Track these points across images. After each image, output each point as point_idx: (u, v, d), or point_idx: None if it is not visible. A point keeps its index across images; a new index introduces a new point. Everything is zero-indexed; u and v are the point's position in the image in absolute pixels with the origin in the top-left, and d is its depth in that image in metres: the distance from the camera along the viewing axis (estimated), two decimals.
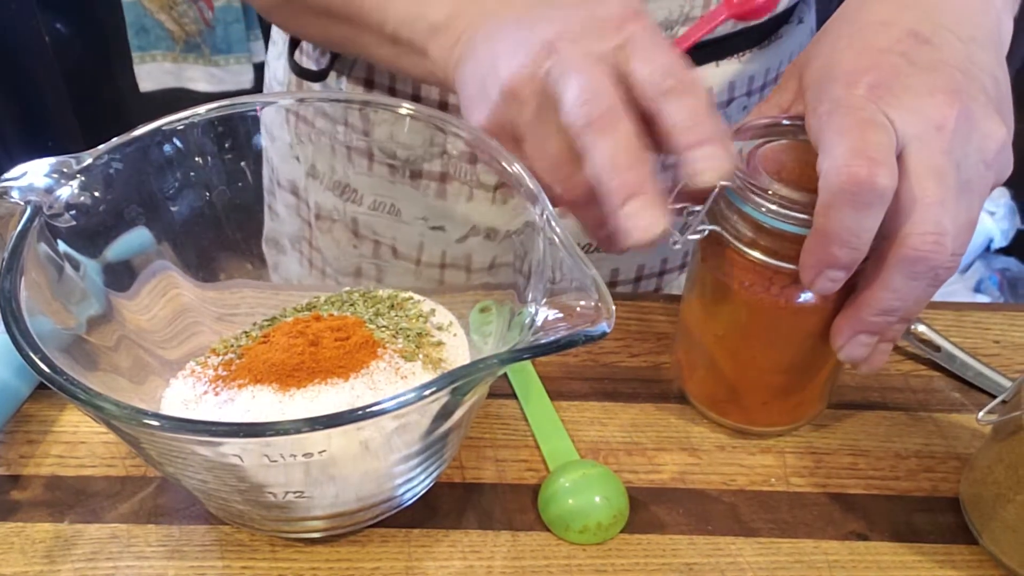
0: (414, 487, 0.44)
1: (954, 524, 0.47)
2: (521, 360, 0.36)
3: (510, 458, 0.49)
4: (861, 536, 0.46)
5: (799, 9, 0.67)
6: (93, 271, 0.44)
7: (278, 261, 0.65)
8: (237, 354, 0.46)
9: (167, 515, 0.46)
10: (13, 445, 0.49)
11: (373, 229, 0.63)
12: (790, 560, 0.45)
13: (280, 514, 0.42)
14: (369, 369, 0.44)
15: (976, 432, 0.52)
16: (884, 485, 0.49)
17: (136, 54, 1.65)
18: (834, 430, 0.51)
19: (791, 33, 0.66)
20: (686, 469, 0.49)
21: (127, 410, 0.33)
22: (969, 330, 0.58)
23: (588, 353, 0.55)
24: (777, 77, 0.67)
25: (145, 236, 0.47)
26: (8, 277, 0.37)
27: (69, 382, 0.34)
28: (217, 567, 0.44)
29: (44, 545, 0.44)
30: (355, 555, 0.44)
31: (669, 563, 0.45)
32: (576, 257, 0.38)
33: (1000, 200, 1.57)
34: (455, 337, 0.48)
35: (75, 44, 1.68)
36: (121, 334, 0.44)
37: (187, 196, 0.48)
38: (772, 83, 0.66)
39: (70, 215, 0.42)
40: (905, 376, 0.55)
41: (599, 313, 0.36)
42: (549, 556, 0.45)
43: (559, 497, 0.45)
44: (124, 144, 0.45)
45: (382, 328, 0.47)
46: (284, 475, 0.38)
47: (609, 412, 0.52)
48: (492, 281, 0.50)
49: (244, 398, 0.43)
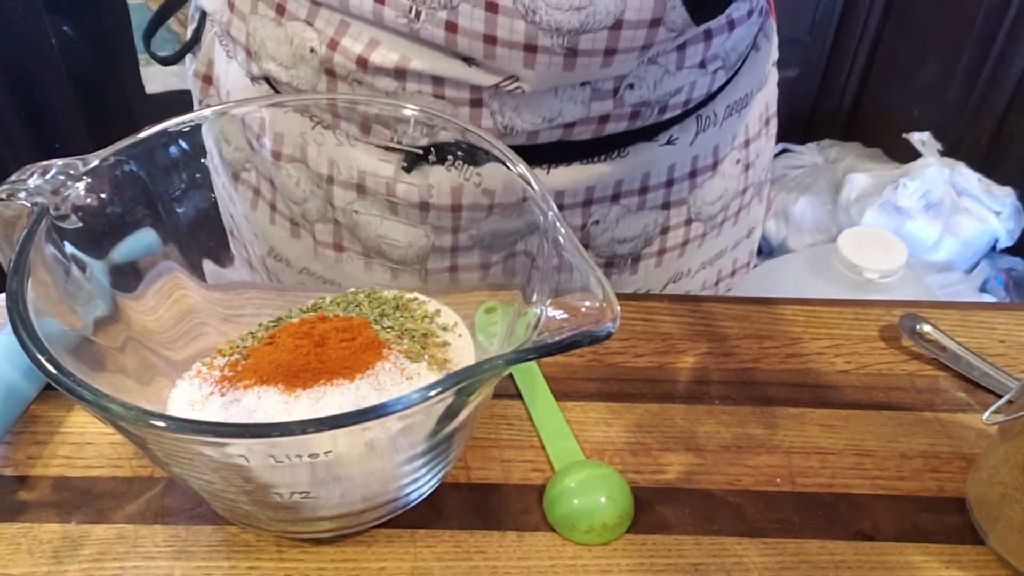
0: (420, 487, 0.44)
1: (960, 524, 0.47)
2: (526, 360, 0.36)
3: (515, 458, 0.49)
4: (867, 536, 0.46)
5: (674, 128, 0.63)
6: (100, 272, 0.44)
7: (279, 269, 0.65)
8: (243, 355, 0.47)
9: (174, 515, 0.46)
10: (20, 446, 0.49)
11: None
12: (796, 560, 0.45)
13: (286, 514, 0.42)
14: (375, 370, 0.44)
15: (982, 432, 0.52)
16: (890, 485, 0.49)
17: (142, 56, 1.66)
18: (839, 430, 0.51)
19: (646, 151, 0.62)
20: (691, 469, 0.49)
21: (133, 411, 0.33)
22: (975, 330, 0.58)
23: (593, 353, 0.55)
24: (617, 196, 0.63)
25: (151, 237, 0.47)
26: (15, 278, 0.38)
27: (76, 383, 0.34)
28: (223, 567, 0.44)
29: (51, 545, 0.44)
30: (361, 555, 0.45)
31: (675, 563, 0.45)
32: (581, 257, 0.38)
33: (1006, 200, 1.57)
34: (460, 338, 0.49)
35: (82, 47, 1.68)
36: (127, 335, 0.45)
37: (193, 197, 0.48)
38: (606, 200, 0.63)
39: (77, 217, 0.42)
40: (911, 376, 0.55)
41: (604, 313, 0.36)
42: (555, 556, 0.45)
43: (565, 497, 0.45)
44: (130, 146, 0.45)
45: (387, 329, 0.47)
46: (290, 476, 0.38)
47: (614, 412, 0.52)
48: (497, 282, 0.50)
49: (250, 399, 0.43)
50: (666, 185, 0.65)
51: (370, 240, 0.60)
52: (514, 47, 0.52)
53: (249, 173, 0.62)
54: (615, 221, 0.65)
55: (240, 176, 0.62)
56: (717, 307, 0.59)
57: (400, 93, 0.55)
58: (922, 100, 1.68)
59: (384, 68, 0.54)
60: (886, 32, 1.66)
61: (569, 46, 0.52)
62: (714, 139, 0.66)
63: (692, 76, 0.60)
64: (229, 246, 0.52)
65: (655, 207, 0.66)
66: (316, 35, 0.55)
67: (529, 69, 0.53)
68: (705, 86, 0.62)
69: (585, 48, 0.52)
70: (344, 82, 0.56)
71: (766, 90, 0.71)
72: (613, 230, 0.65)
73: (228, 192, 0.63)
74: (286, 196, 0.62)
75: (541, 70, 0.53)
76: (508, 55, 0.52)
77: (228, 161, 0.61)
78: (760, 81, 0.70)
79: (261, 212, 0.64)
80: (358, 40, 0.54)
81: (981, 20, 1.53)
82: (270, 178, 0.62)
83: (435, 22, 0.52)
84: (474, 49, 0.52)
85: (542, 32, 0.51)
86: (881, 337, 0.57)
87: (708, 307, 0.59)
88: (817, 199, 1.66)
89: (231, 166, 0.61)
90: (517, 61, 0.52)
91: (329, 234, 0.61)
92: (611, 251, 0.67)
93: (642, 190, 0.64)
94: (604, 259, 0.67)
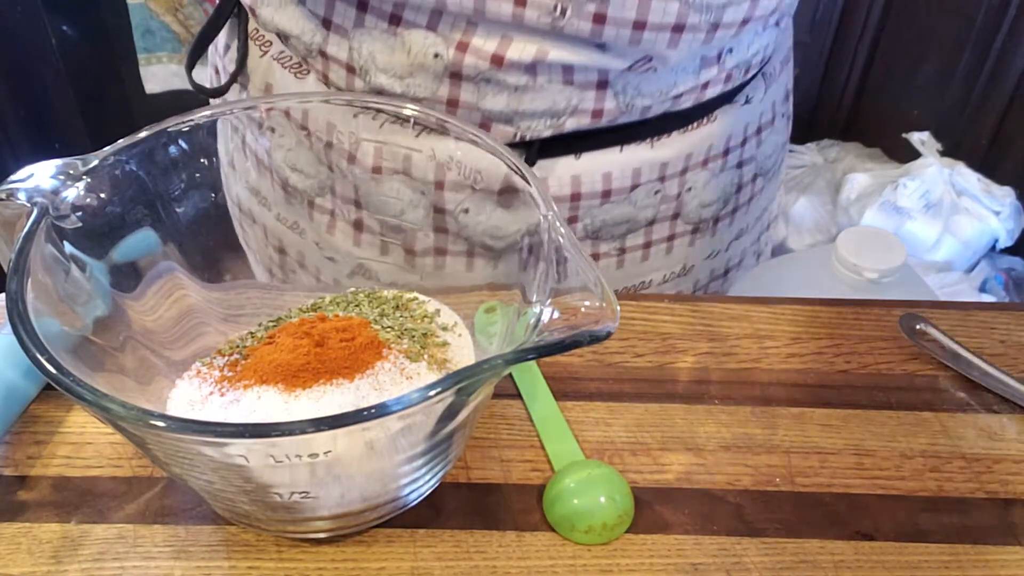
0: (419, 487, 0.44)
1: (960, 524, 0.47)
2: (526, 360, 0.36)
3: (515, 458, 0.49)
4: (866, 536, 0.46)
5: (748, 88, 0.65)
6: (99, 272, 0.44)
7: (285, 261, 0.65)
8: (243, 355, 0.47)
9: (173, 515, 0.46)
10: (20, 446, 0.49)
11: None
12: (795, 560, 0.45)
13: (286, 514, 0.42)
14: (374, 370, 0.44)
15: (982, 432, 0.52)
16: (889, 485, 0.49)
17: (142, 56, 1.66)
18: (839, 430, 0.51)
19: (730, 113, 0.64)
20: (691, 469, 0.49)
21: (133, 411, 0.33)
22: (974, 330, 0.58)
23: (593, 353, 0.55)
24: (707, 161, 0.65)
25: (151, 237, 0.47)
26: (15, 278, 0.38)
27: (76, 383, 0.34)
28: (223, 567, 0.44)
29: (51, 545, 0.44)
30: (361, 555, 0.45)
31: (674, 563, 0.45)
32: (581, 257, 0.38)
33: (1005, 200, 1.57)
34: (460, 337, 0.49)
35: (81, 46, 1.68)
36: (127, 335, 0.45)
37: (192, 197, 0.48)
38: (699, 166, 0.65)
39: (76, 216, 0.42)
40: (910, 376, 0.55)
41: (604, 313, 0.36)
42: (554, 556, 0.45)
43: (564, 497, 0.45)
44: (130, 146, 0.45)
45: (387, 328, 0.47)
46: (290, 475, 0.38)
47: (614, 412, 0.52)
48: (497, 281, 0.50)
49: (250, 399, 0.43)
50: (741, 144, 0.67)
51: (475, 236, 0.59)
52: (662, 29, 0.52)
53: (324, 198, 0.62)
54: (703, 186, 0.66)
55: (315, 203, 0.62)
56: (717, 307, 0.59)
57: (530, 85, 0.55)
58: (922, 100, 1.67)
59: (519, 63, 0.54)
60: (886, 32, 1.66)
61: (714, 21, 0.52)
62: (773, 95, 0.68)
63: (770, 35, 0.61)
64: (229, 244, 0.52)
65: (732, 167, 0.67)
66: (441, 40, 0.55)
67: (672, 49, 0.53)
68: (773, 42, 0.63)
69: (728, 21, 0.53)
70: (471, 83, 0.56)
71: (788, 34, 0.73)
72: (701, 195, 0.66)
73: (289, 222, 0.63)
74: (380, 212, 0.61)
75: (683, 47, 0.53)
76: (655, 38, 0.53)
77: (300, 190, 0.60)
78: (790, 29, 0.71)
79: (342, 234, 0.63)
80: (489, 39, 0.54)
81: (981, 20, 1.53)
82: (354, 199, 0.61)
83: (582, 16, 0.52)
84: (620, 36, 0.52)
85: (693, 11, 0.51)
86: (881, 337, 0.57)
87: (708, 307, 0.59)
88: (817, 199, 1.66)
89: (303, 194, 0.61)
90: (663, 42, 0.53)
91: (431, 241, 0.61)
92: (698, 216, 0.68)
93: (725, 152, 0.66)
94: (692, 225, 0.68)
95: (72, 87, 1.67)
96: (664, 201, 0.65)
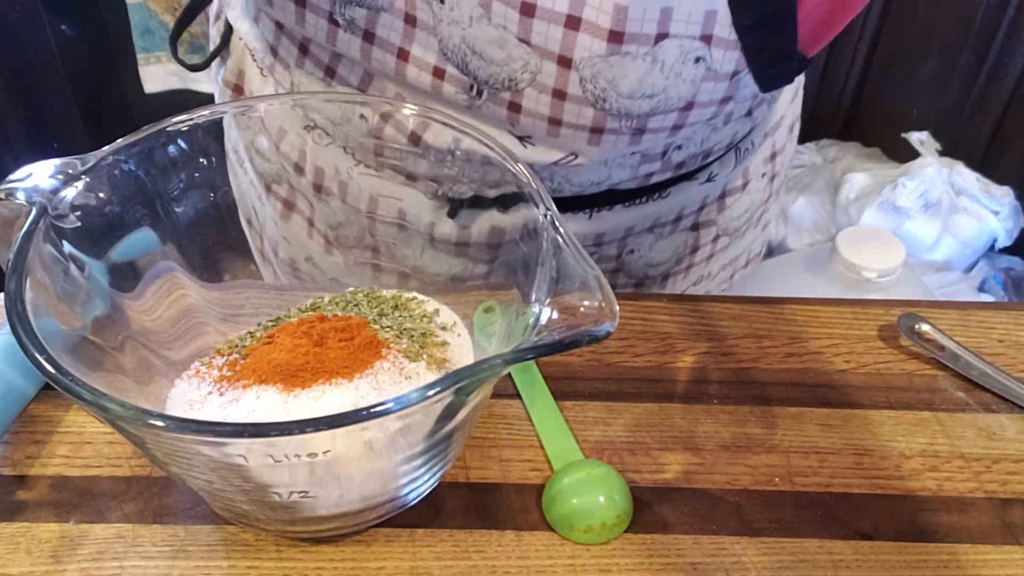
0: (418, 487, 0.44)
1: (959, 524, 0.47)
2: (525, 360, 0.36)
3: (514, 458, 0.49)
4: (865, 536, 0.46)
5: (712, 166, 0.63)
6: (98, 272, 0.44)
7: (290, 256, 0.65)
8: (242, 354, 0.47)
9: (172, 515, 0.46)
10: (19, 445, 0.49)
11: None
12: (794, 560, 0.45)
13: (285, 514, 0.42)
14: (373, 369, 0.44)
15: (981, 431, 0.52)
16: (888, 485, 0.49)
17: (141, 55, 1.66)
18: (838, 429, 0.51)
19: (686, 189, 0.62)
20: (690, 469, 0.49)
21: (132, 411, 0.33)
22: (973, 329, 0.58)
23: (592, 353, 0.55)
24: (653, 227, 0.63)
25: (150, 237, 0.47)
26: (14, 278, 0.37)
27: (74, 383, 0.34)
28: (222, 567, 0.44)
29: (50, 545, 0.44)
30: (360, 555, 0.45)
31: (673, 563, 0.45)
32: (580, 257, 0.38)
33: (1004, 200, 1.57)
34: (459, 337, 0.49)
35: (80, 46, 1.68)
36: (126, 335, 0.45)
37: (192, 197, 0.48)
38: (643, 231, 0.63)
39: (75, 216, 0.42)
40: (909, 375, 0.55)
41: (603, 313, 0.36)
42: (553, 556, 0.45)
43: (563, 497, 0.45)
44: (129, 145, 0.45)
45: (386, 328, 0.47)
46: (289, 475, 0.38)
47: (613, 412, 0.52)
48: (496, 281, 0.50)
49: (249, 398, 0.43)
50: (698, 211, 0.65)
51: (407, 264, 0.59)
52: (580, 129, 0.50)
53: (281, 186, 0.62)
54: (648, 248, 0.65)
55: (271, 188, 0.62)
56: (716, 307, 0.59)
57: (450, 162, 0.53)
58: (921, 100, 1.68)
59: (434, 147, 0.53)
60: (885, 32, 1.66)
61: (637, 127, 0.50)
62: (747, 164, 0.66)
63: (738, 126, 0.60)
64: (228, 244, 0.52)
65: (685, 229, 0.66)
66: (369, 107, 0.54)
67: (594, 147, 0.52)
68: (748, 126, 0.62)
69: (653, 127, 0.51)
70: (394, 147, 0.55)
71: (796, 102, 0.70)
72: (647, 256, 0.65)
73: (257, 192, 0.63)
74: (325, 218, 0.61)
75: (606, 147, 0.52)
76: (572, 135, 0.51)
77: (260, 171, 0.60)
78: (792, 97, 0.69)
79: (296, 224, 0.63)
80: (413, 117, 0.52)
81: (980, 20, 1.53)
82: (310, 201, 0.61)
83: (497, 101, 0.51)
84: (536, 128, 0.51)
85: (611, 117, 0.49)
86: (880, 336, 0.57)
87: (707, 307, 0.59)
88: (816, 199, 1.66)
89: (262, 176, 0.61)
90: (582, 141, 0.51)
91: (367, 257, 0.60)
92: (643, 274, 0.67)
93: (676, 219, 0.64)
94: (635, 280, 0.67)
95: (71, 87, 1.66)
96: (602, 261, 0.64)
